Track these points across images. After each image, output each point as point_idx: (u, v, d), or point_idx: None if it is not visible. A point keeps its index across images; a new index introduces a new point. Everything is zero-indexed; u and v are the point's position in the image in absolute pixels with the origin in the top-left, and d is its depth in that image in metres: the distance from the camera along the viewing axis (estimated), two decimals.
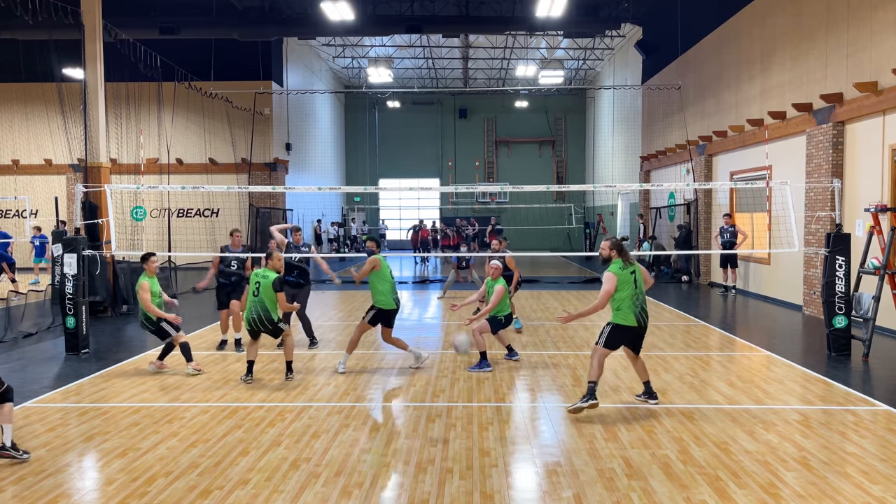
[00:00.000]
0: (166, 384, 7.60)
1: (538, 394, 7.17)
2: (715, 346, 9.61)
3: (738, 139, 15.45)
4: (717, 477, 4.89)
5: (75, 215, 10.49)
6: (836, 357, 8.60)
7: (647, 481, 4.81)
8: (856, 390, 7.15)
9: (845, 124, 11.41)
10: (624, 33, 24.85)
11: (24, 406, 6.74)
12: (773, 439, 5.66)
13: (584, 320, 11.73)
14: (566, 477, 4.91)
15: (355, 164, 35.98)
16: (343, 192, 33.77)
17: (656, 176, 22.34)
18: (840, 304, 8.60)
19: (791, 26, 13.10)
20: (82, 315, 9.22)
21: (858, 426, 6.00)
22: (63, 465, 5.18)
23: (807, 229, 12.19)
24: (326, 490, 4.70)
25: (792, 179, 11.12)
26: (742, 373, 7.99)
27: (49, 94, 16.27)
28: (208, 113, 22.03)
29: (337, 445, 5.57)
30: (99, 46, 12.75)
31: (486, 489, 4.70)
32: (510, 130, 35.86)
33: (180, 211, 22.68)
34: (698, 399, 6.90)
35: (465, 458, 5.28)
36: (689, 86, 18.69)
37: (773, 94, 13.82)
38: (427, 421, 6.22)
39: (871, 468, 5.06)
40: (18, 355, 9.21)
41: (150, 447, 5.54)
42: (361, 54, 30.00)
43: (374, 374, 8.06)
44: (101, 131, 12.82)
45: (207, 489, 4.72)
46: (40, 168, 22.90)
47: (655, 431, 5.88)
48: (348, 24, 19.13)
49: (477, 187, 11.21)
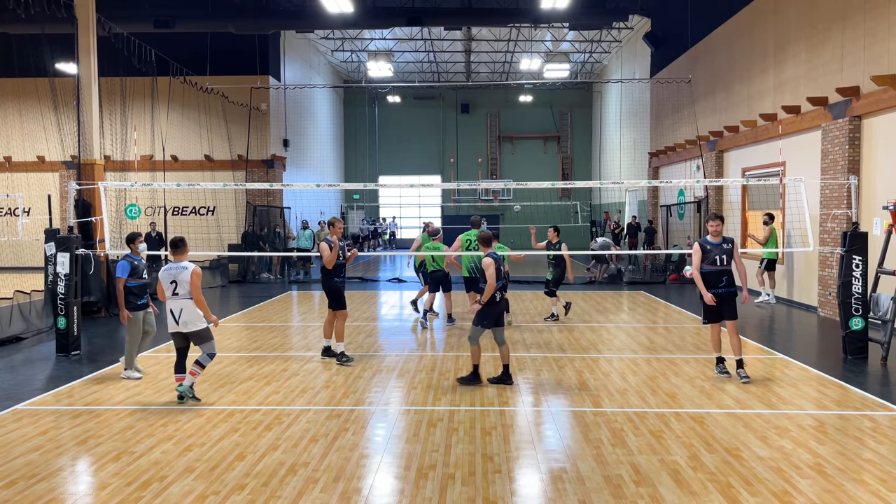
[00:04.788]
0: (160, 387, 7.45)
1: (543, 397, 7.03)
2: (725, 349, 9.43)
3: (751, 134, 15.24)
4: (728, 484, 4.76)
5: (68, 213, 10.30)
6: (852, 360, 8.45)
7: (655, 488, 4.69)
8: (873, 395, 7.01)
9: (862, 119, 11.23)
10: (632, 25, 24.62)
11: (16, 409, 6.64)
12: (787, 445, 5.53)
13: (589, 321, 11.66)
14: (572, 483, 4.79)
15: (354, 161, 35.76)
16: (342, 190, 33.60)
17: (665, 172, 22.15)
18: (857, 306, 8.45)
19: (805, 17, 12.91)
20: (74, 316, 9.06)
21: (876, 432, 5.87)
22: (56, 469, 5.10)
23: (822, 228, 12.02)
24: (325, 496, 4.61)
25: (806, 176, 10.91)
26: (755, 376, 7.83)
27: (42, 89, 16.07)
28: (204, 108, 21.84)
29: (336, 450, 5.46)
30: (92, 40, 12.57)
31: (489, 496, 4.60)
32: (514, 126, 35.52)
33: (175, 209, 22.48)
34: (709, 403, 6.76)
35: (467, 463, 5.17)
36: (700, 79, 18.47)
37: (786, 88, 13.64)
38: (428, 425, 6.09)
39: (888, 475, 4.93)
40: (7, 357, 9.06)
41: (144, 451, 5.45)
42: (361, 48, 29.80)
43: (374, 377, 7.92)
44: (95, 127, 12.64)
45: (203, 494, 4.63)
46: (33, 165, 22.69)
47: (664, 436, 5.75)
48: (347, 16, 18.93)
49: (479, 184, 11.05)
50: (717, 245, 7.58)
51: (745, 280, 7.88)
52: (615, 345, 9.73)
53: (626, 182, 22.07)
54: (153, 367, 8.39)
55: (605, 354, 9.03)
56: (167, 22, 19.28)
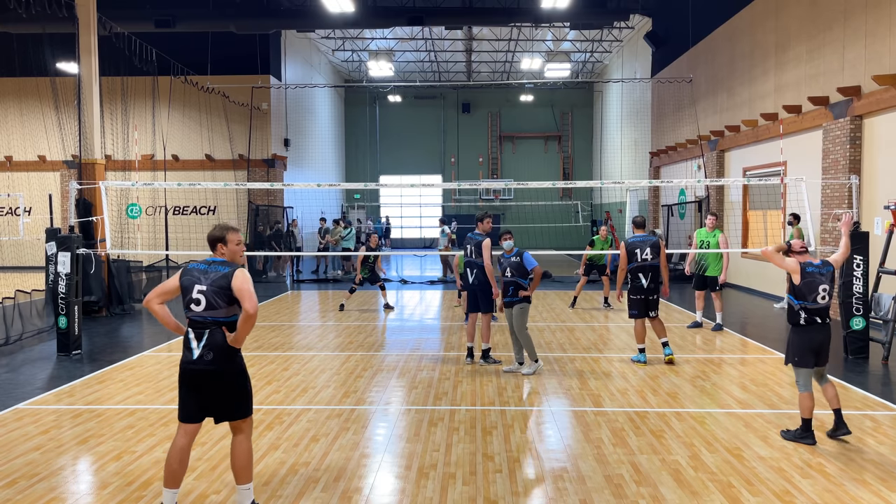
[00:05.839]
0: (161, 386, 7.45)
1: (544, 397, 7.03)
2: (727, 349, 9.44)
3: (752, 134, 15.23)
4: (729, 484, 4.75)
5: (69, 213, 10.31)
6: (853, 360, 8.43)
7: (656, 488, 4.68)
8: (874, 394, 7.01)
9: (863, 118, 11.21)
10: (633, 24, 24.58)
11: (17, 408, 6.63)
12: (788, 445, 5.52)
13: (590, 321, 11.66)
14: (573, 483, 4.78)
15: (355, 160, 35.73)
16: (343, 189, 33.57)
17: (666, 172, 22.11)
18: (858, 306, 8.42)
19: (807, 16, 12.89)
20: (75, 315, 9.07)
21: (877, 432, 5.86)
22: (57, 469, 5.09)
23: (823, 227, 12.00)
24: (326, 495, 4.59)
25: (807, 176, 10.93)
26: (755, 376, 7.82)
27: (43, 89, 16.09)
28: (205, 108, 21.84)
29: (337, 449, 5.45)
30: (93, 40, 12.57)
31: (490, 495, 4.59)
32: (515, 125, 35.46)
33: (176, 208, 22.48)
34: (710, 403, 6.75)
35: (468, 463, 5.16)
36: (701, 79, 18.45)
37: (787, 88, 13.62)
38: (429, 425, 6.08)
39: (889, 475, 4.92)
40: (8, 357, 9.06)
41: (145, 450, 5.44)
42: (362, 47, 29.77)
43: (374, 376, 7.92)
44: (96, 127, 12.64)
45: (204, 493, 4.62)
46: (34, 165, 22.70)
47: (665, 436, 5.74)
48: (348, 15, 18.93)
49: (480, 184, 11.04)
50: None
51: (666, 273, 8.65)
52: (616, 344, 9.72)
53: (627, 182, 22.00)
54: (153, 366, 8.40)
55: (606, 354, 9.02)
56: (168, 21, 19.28)
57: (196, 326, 4.14)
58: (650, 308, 8.33)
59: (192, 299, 4.14)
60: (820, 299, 5.48)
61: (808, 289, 5.46)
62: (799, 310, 5.49)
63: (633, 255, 8.28)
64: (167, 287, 4.27)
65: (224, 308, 4.12)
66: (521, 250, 7.85)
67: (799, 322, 5.51)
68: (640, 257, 8.24)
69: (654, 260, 8.25)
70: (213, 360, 4.10)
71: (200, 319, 4.13)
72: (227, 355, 4.14)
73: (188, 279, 4.17)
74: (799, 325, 5.51)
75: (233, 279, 4.10)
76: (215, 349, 4.10)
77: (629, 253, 8.30)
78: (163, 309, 4.25)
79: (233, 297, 4.11)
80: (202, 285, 4.12)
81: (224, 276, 4.12)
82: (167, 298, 4.29)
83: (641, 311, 8.32)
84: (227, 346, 4.13)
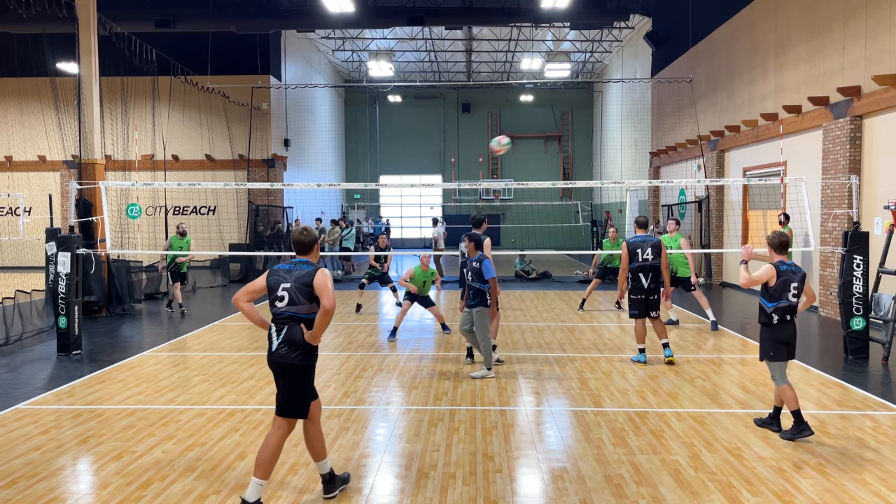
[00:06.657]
0: (161, 386, 7.45)
1: (544, 397, 7.02)
2: (727, 349, 9.44)
3: (752, 134, 15.23)
4: (729, 484, 4.75)
5: (69, 213, 10.31)
6: (853, 360, 8.42)
7: (656, 488, 4.68)
8: (874, 395, 6.99)
9: (863, 118, 11.21)
10: (633, 24, 24.59)
11: (17, 408, 6.63)
12: (788, 445, 5.52)
13: (591, 322, 11.66)
14: (573, 483, 4.78)
15: (355, 160, 35.74)
16: (343, 189, 33.58)
17: (666, 172, 22.12)
18: (858, 306, 8.41)
19: (806, 16, 12.89)
20: (75, 315, 9.07)
21: (877, 432, 5.85)
22: (57, 469, 5.09)
23: (823, 227, 11.99)
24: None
25: (807, 176, 10.94)
26: (756, 376, 7.81)
27: (43, 89, 16.10)
28: (205, 108, 21.84)
29: (336, 449, 5.45)
30: (93, 40, 12.56)
31: (490, 495, 4.59)
32: (515, 125, 35.40)
33: (176, 208, 22.49)
34: (710, 403, 6.75)
35: (468, 463, 5.16)
36: (701, 79, 18.45)
37: (787, 88, 13.63)
38: (429, 425, 6.08)
39: (889, 475, 4.92)
40: (7, 357, 9.05)
41: (145, 450, 5.44)
42: (362, 47, 29.78)
43: (374, 376, 7.92)
44: (96, 127, 12.64)
45: (204, 494, 4.62)
46: (34, 165, 22.71)
47: (665, 436, 5.74)
48: (348, 15, 18.94)
49: (480, 184, 11.04)
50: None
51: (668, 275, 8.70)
52: (616, 344, 9.72)
53: (627, 182, 22.00)
54: (153, 366, 8.40)
55: (606, 354, 9.02)
56: (168, 21, 19.29)
57: (278, 321, 4.41)
58: (651, 308, 8.33)
59: (276, 297, 4.40)
60: (791, 297, 5.70)
61: (783, 287, 5.68)
62: (772, 312, 5.72)
63: (634, 254, 8.29)
64: (254, 287, 4.52)
65: (305, 304, 4.36)
66: (483, 257, 7.78)
67: (771, 322, 5.73)
68: (641, 257, 8.25)
69: (655, 260, 8.25)
70: (286, 354, 4.37)
71: (282, 315, 4.39)
72: (300, 351, 4.37)
73: (274, 279, 4.43)
74: (771, 325, 5.73)
75: (315, 277, 4.35)
76: (291, 344, 4.36)
77: (630, 253, 8.31)
78: (250, 306, 4.50)
79: (313, 295, 4.35)
80: (287, 283, 4.38)
81: (308, 273, 4.38)
82: (254, 297, 4.52)
83: (642, 311, 8.32)
84: (303, 342, 4.36)
